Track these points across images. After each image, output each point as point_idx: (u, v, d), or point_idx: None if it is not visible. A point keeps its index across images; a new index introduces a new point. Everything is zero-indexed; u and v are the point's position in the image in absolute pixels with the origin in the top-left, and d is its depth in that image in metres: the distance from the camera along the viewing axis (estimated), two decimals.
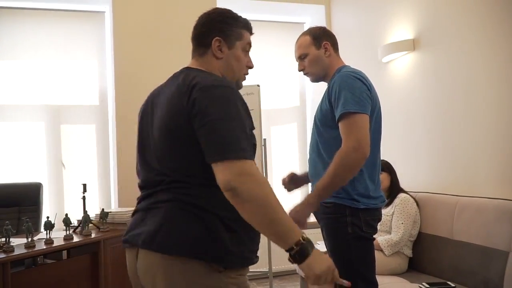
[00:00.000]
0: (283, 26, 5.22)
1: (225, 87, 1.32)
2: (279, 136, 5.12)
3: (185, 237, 1.29)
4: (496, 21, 2.79)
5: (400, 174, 3.24)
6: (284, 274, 4.61)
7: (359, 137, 1.81)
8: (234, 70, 1.53)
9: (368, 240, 1.94)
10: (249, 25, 1.59)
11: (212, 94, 1.29)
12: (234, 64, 1.52)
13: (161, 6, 4.33)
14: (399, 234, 2.95)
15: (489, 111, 2.84)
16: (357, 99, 1.85)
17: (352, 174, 1.84)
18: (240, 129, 1.28)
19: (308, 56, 2.09)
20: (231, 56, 1.51)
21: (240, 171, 1.22)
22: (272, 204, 1.23)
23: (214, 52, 1.48)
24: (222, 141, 1.25)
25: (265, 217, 1.23)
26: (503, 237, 2.43)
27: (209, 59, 1.49)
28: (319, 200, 1.88)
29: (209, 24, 1.50)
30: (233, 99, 1.31)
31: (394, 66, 3.82)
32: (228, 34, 1.50)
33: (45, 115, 4.30)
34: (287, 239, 1.25)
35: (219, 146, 1.25)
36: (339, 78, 1.93)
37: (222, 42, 1.49)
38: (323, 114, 2.00)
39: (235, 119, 1.28)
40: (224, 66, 1.50)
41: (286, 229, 1.25)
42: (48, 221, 2.68)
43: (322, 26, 2.19)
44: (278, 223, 1.24)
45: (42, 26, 4.32)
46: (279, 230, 1.25)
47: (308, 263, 1.26)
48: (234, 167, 1.22)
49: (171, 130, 1.34)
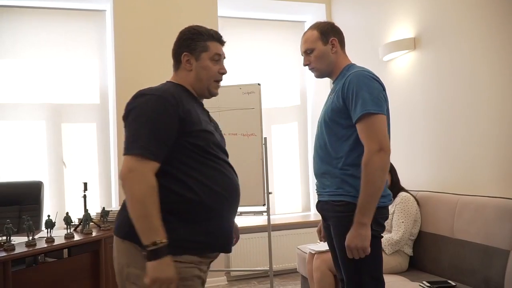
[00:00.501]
0: (283, 24, 5.21)
1: (149, 94, 1.56)
2: (280, 134, 5.12)
3: (122, 221, 1.55)
4: (497, 19, 2.78)
5: (401, 173, 3.24)
6: (285, 273, 4.62)
7: (380, 139, 1.83)
8: (203, 79, 1.71)
9: (376, 238, 1.93)
10: (215, 36, 1.75)
11: (134, 102, 1.57)
12: (202, 73, 1.71)
13: (161, 5, 4.33)
14: (400, 233, 2.95)
15: (490, 110, 2.84)
16: (375, 100, 1.85)
17: (385, 175, 1.84)
18: (148, 129, 1.49)
19: (314, 51, 2.07)
20: (199, 67, 1.71)
21: (130, 167, 1.45)
22: (146, 203, 1.42)
23: (184, 66, 1.72)
24: (127, 139, 1.52)
25: (137, 211, 1.43)
26: (503, 236, 2.43)
27: (182, 73, 1.73)
28: (369, 216, 1.82)
29: (178, 42, 1.76)
30: (151, 104, 1.52)
31: (395, 65, 3.81)
32: (194, 48, 1.70)
33: (46, 113, 4.30)
34: (147, 236, 1.41)
35: (125, 143, 1.52)
36: (355, 77, 1.91)
37: (190, 56, 1.71)
38: (335, 112, 1.97)
39: (146, 121, 1.50)
40: (194, 77, 1.71)
41: (149, 227, 1.42)
42: (49, 220, 2.69)
43: (331, 22, 2.15)
44: (145, 220, 1.42)
45: (43, 25, 4.32)
46: (143, 226, 1.42)
47: (155, 264, 1.40)
48: (128, 163, 1.46)
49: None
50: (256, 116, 3.57)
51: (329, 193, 1.99)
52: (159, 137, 1.50)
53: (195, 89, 1.73)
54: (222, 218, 1.62)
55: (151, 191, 1.43)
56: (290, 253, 4.44)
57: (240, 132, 3.59)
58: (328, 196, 1.99)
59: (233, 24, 4.94)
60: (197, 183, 1.54)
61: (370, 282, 1.91)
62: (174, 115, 1.53)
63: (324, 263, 3.02)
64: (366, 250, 1.82)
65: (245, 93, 3.61)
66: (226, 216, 1.64)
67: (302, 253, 3.55)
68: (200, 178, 1.55)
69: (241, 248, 4.45)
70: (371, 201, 1.82)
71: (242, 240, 4.45)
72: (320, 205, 2.10)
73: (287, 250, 4.54)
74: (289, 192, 5.13)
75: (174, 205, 1.50)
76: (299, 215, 5.08)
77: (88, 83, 4.43)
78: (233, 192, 1.66)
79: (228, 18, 4.87)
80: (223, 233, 1.63)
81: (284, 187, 5.09)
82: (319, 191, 2.09)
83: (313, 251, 3.18)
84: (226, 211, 1.63)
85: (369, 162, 1.82)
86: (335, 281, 2.99)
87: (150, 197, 1.43)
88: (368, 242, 1.82)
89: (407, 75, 3.65)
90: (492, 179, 2.83)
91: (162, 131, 1.50)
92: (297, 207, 5.16)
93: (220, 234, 1.62)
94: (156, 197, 1.44)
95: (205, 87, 1.72)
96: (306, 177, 5.21)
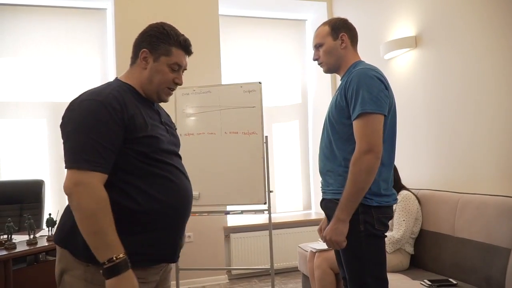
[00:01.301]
0: (285, 23, 5.21)
1: (90, 100, 1.42)
2: (281, 133, 5.12)
3: (60, 226, 1.51)
4: (499, 17, 2.77)
5: (402, 172, 3.23)
6: (286, 271, 4.62)
7: (372, 140, 1.82)
8: (154, 82, 1.58)
9: (379, 237, 1.93)
10: (184, 44, 1.61)
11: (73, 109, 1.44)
12: (155, 77, 1.58)
13: (162, 3, 4.32)
14: (401, 231, 2.95)
15: (491, 108, 2.83)
16: (374, 99, 1.84)
17: (371, 177, 1.83)
18: (92, 139, 1.37)
19: (324, 46, 2.07)
20: (154, 69, 1.58)
21: (76, 181, 1.33)
22: (97, 218, 1.32)
23: (139, 63, 1.59)
24: (69, 151, 1.39)
25: (87, 228, 1.33)
26: (505, 234, 2.43)
27: (136, 69, 1.60)
28: (349, 213, 1.85)
29: (141, 36, 1.61)
30: (93, 111, 1.40)
31: (396, 63, 3.81)
32: (155, 48, 1.57)
33: (47, 112, 4.31)
34: (102, 254, 1.32)
35: (66, 155, 1.39)
36: (356, 75, 1.91)
37: (148, 54, 1.57)
38: (338, 111, 1.97)
39: (89, 131, 1.37)
40: (146, 77, 1.58)
41: (103, 244, 1.32)
42: (50, 218, 2.69)
43: (344, 18, 2.15)
44: (98, 237, 1.32)
45: (44, 23, 4.32)
46: (97, 243, 1.33)
47: (114, 282, 1.32)
48: (73, 176, 1.34)
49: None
50: (257, 114, 3.57)
51: (332, 191, 1.99)
52: (103, 146, 1.38)
53: (144, 90, 1.60)
54: (167, 227, 1.51)
55: (103, 204, 1.34)
56: (291, 252, 4.45)
57: (241, 130, 3.59)
58: (332, 194, 2.00)
59: (234, 22, 4.94)
60: (138, 192, 1.44)
61: (373, 282, 1.91)
62: (118, 122, 1.41)
63: (325, 262, 3.03)
64: (340, 244, 1.86)
65: (246, 92, 3.61)
66: (172, 225, 1.53)
67: (303, 251, 3.55)
68: (142, 187, 1.45)
69: (242, 247, 4.46)
70: (351, 200, 1.84)
71: (243, 238, 4.46)
72: (324, 203, 2.10)
73: (288, 249, 4.55)
74: (290, 190, 5.13)
75: (114, 216, 1.36)
76: (300, 213, 5.09)
77: (89, 81, 4.43)
78: (181, 198, 1.55)
79: (229, 17, 4.86)
80: (167, 243, 1.53)
81: (285, 185, 5.09)
82: (323, 189, 2.09)
83: (314, 249, 3.18)
84: (172, 219, 1.53)
85: (356, 162, 1.82)
86: (336, 279, 3.00)
87: (102, 211, 1.33)
88: (343, 237, 1.85)
89: (409, 74, 3.65)
90: (494, 178, 2.82)
91: (105, 139, 1.38)
92: (298, 205, 5.16)
93: (164, 244, 1.52)
94: (109, 210, 1.34)
95: (154, 90, 1.60)
96: (307, 175, 5.21)
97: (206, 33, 4.37)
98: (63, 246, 1.46)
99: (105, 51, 4.46)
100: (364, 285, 1.91)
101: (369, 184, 1.84)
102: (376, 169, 1.84)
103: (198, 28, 4.30)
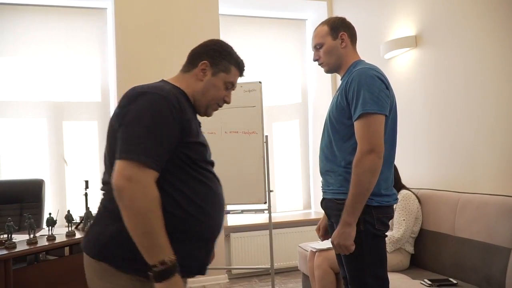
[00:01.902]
0: (285, 22, 5.21)
1: (153, 93, 1.36)
2: (281, 132, 5.12)
3: (96, 241, 1.38)
4: (499, 17, 2.77)
5: (402, 171, 3.23)
6: (286, 271, 4.62)
7: (373, 140, 1.81)
8: (207, 95, 1.57)
9: (380, 237, 1.93)
10: (242, 66, 1.64)
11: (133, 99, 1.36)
12: (210, 90, 1.57)
13: (162, 3, 4.32)
14: (401, 230, 2.95)
15: (491, 108, 2.83)
16: (375, 99, 1.84)
17: (375, 177, 1.82)
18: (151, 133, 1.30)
19: (324, 46, 2.06)
20: (210, 83, 1.56)
21: (130, 176, 1.24)
22: (150, 218, 1.24)
23: (197, 73, 1.56)
24: (126, 141, 1.29)
25: (139, 228, 1.25)
26: (505, 234, 2.43)
27: (190, 78, 1.57)
28: (355, 216, 1.83)
29: (204, 47, 1.60)
30: (156, 105, 1.33)
31: (396, 62, 3.81)
32: (216, 63, 1.56)
33: (47, 111, 4.31)
34: (154, 255, 1.25)
35: (122, 145, 1.29)
36: (357, 75, 1.90)
37: (208, 67, 1.56)
38: (339, 111, 1.96)
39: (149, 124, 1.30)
40: (201, 88, 1.56)
41: (155, 245, 1.25)
42: (50, 218, 2.69)
43: (342, 17, 2.13)
44: (150, 237, 1.25)
45: (44, 23, 4.32)
46: (149, 244, 1.25)
47: (163, 286, 1.25)
48: (126, 170, 1.25)
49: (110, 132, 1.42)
50: (257, 114, 3.56)
51: (332, 191, 1.99)
52: (162, 143, 1.31)
53: (195, 100, 1.56)
54: (206, 238, 1.46)
55: (156, 203, 1.26)
56: (291, 251, 4.45)
57: (241, 130, 3.59)
58: (332, 194, 2.00)
59: (234, 22, 4.93)
60: (184, 199, 1.38)
61: (373, 281, 1.91)
62: (177, 122, 1.36)
63: (325, 261, 3.03)
64: (349, 248, 1.84)
65: (246, 91, 3.60)
66: (210, 236, 1.48)
67: (303, 251, 3.55)
68: (188, 194, 1.39)
69: (242, 246, 4.46)
70: (357, 202, 1.82)
71: (244, 238, 4.46)
72: (324, 203, 2.10)
73: (288, 248, 4.55)
74: (290, 190, 5.13)
75: None
76: (300, 213, 5.09)
77: (89, 81, 4.43)
78: (221, 210, 1.52)
79: (229, 16, 4.86)
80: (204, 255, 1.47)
81: (285, 185, 5.09)
82: (324, 189, 2.09)
83: (314, 249, 3.18)
84: (212, 230, 1.47)
85: (359, 163, 1.81)
86: (336, 279, 3.00)
87: (155, 211, 1.25)
88: (351, 241, 1.83)
89: (409, 73, 3.64)
90: (494, 177, 2.82)
91: (165, 137, 1.32)
92: (298, 205, 5.16)
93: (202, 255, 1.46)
94: (160, 210, 1.27)
95: (205, 104, 1.57)
96: (307, 175, 5.21)
97: (206, 32, 4.36)
98: (104, 259, 1.34)
99: (105, 51, 4.46)
100: (365, 285, 1.91)
101: (373, 185, 1.83)
102: (379, 169, 1.83)
103: (198, 28, 4.30)
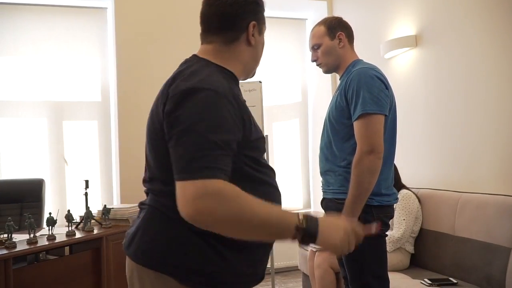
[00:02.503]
0: (285, 22, 5.20)
1: (207, 90, 1.09)
2: (281, 132, 5.12)
3: (150, 251, 1.18)
4: (499, 17, 2.77)
5: (402, 171, 3.23)
6: (286, 270, 4.62)
7: (373, 140, 1.82)
8: (259, 59, 1.33)
9: (380, 237, 1.94)
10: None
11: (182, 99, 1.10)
12: (260, 52, 1.32)
13: (163, 2, 4.32)
14: (401, 230, 2.95)
15: (491, 107, 2.83)
16: (375, 99, 1.84)
17: (374, 177, 1.83)
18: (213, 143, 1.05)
19: (322, 47, 2.06)
20: (260, 44, 1.31)
21: (198, 194, 1.00)
22: (245, 213, 1.04)
23: (250, 39, 1.26)
24: (183, 157, 1.05)
25: (246, 230, 1.06)
26: (505, 233, 2.43)
27: (239, 47, 1.26)
28: (355, 216, 1.82)
29: (239, 3, 1.24)
30: (214, 105, 1.09)
31: (396, 62, 3.80)
32: (261, 18, 1.28)
33: (48, 111, 4.30)
34: (284, 233, 1.09)
35: (179, 162, 1.06)
36: (356, 75, 1.90)
37: (256, 27, 1.27)
38: (339, 112, 1.97)
39: (208, 131, 1.06)
40: (251, 56, 1.30)
41: (276, 225, 1.08)
42: (50, 217, 2.69)
43: (339, 17, 2.15)
44: (264, 226, 1.07)
45: (44, 22, 4.31)
46: (270, 232, 1.09)
47: (322, 240, 1.10)
48: (191, 189, 1.01)
49: (151, 133, 1.20)
50: (257, 113, 3.56)
51: (332, 191, 2.00)
52: (226, 150, 1.08)
53: (246, 71, 1.30)
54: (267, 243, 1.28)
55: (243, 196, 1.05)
56: (292, 251, 4.45)
57: None
58: (332, 194, 2.00)
59: None
60: None
61: (374, 281, 1.91)
62: (237, 122, 1.13)
63: (325, 261, 3.03)
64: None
65: (246, 91, 3.60)
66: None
67: (304, 250, 3.55)
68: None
69: None
70: (357, 202, 1.83)
71: None
72: (324, 203, 2.10)
73: (288, 248, 4.54)
74: (290, 189, 5.13)
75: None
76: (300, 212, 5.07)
77: (90, 80, 4.42)
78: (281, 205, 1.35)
79: None
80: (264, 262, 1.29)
81: (285, 184, 5.09)
82: (324, 189, 2.09)
83: (314, 248, 3.18)
84: None
85: (358, 163, 1.82)
86: (336, 278, 3.00)
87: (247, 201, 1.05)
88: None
89: (409, 73, 3.64)
90: (494, 177, 2.82)
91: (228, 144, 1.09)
92: (298, 204, 5.16)
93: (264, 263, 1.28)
94: (248, 195, 1.06)
95: (253, 69, 1.33)
96: (307, 174, 5.20)
97: None
98: (163, 270, 1.15)
99: (105, 50, 4.46)
100: (365, 285, 1.91)
101: (373, 185, 1.84)
102: (379, 169, 1.83)
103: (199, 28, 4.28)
